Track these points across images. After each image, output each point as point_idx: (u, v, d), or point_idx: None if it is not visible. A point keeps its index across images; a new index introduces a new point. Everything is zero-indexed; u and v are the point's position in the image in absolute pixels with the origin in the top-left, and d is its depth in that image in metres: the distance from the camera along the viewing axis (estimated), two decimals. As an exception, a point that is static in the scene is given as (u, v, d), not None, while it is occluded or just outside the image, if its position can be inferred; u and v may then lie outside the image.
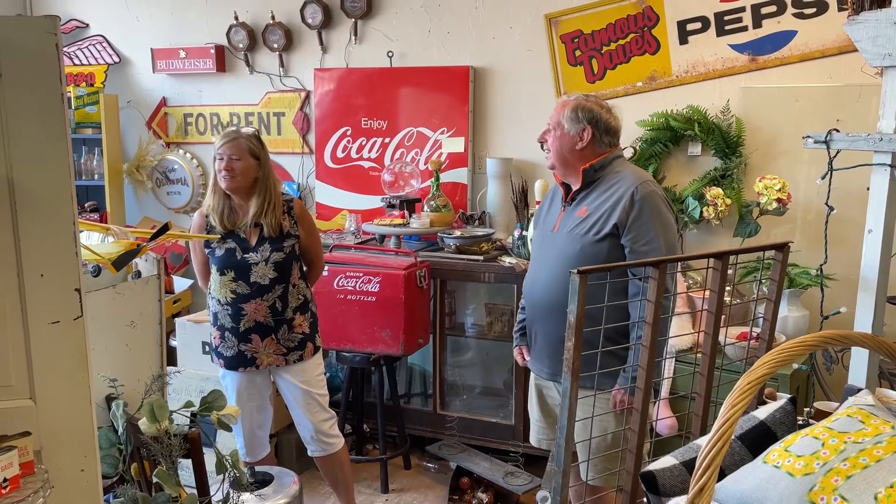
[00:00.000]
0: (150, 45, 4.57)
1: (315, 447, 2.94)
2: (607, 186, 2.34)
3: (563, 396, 1.55)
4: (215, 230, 2.79)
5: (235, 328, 2.80)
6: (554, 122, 2.38)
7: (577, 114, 2.34)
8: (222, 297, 2.81)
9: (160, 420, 1.80)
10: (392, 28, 4.07)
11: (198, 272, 3.00)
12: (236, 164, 2.72)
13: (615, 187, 2.32)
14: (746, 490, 1.25)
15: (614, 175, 2.36)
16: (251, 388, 2.90)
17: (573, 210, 2.38)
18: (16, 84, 1.47)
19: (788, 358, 1.24)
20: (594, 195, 2.35)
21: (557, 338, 2.23)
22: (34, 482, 1.48)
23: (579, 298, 1.50)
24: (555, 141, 2.38)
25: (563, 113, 2.36)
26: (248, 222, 2.78)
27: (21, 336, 1.57)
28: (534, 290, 2.43)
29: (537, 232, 2.57)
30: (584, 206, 2.35)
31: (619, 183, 2.32)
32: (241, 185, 2.75)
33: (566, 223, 2.38)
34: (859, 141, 1.63)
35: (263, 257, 2.77)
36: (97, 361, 1.99)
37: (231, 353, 2.83)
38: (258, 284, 2.77)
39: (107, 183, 4.52)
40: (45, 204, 1.54)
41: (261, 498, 2.16)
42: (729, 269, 2.89)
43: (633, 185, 2.28)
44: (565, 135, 2.36)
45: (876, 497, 1.06)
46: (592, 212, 2.32)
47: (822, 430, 1.24)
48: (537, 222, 2.59)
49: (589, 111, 2.35)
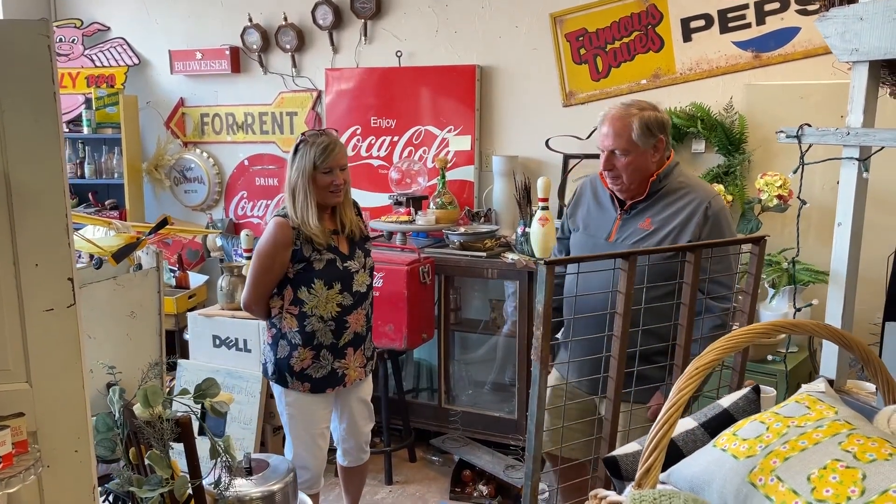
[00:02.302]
0: (168, 47, 4.70)
1: (354, 457, 2.87)
2: (674, 198, 2.21)
3: (532, 384, 1.60)
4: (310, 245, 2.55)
5: (335, 344, 2.62)
6: (624, 145, 2.17)
7: (648, 128, 2.17)
8: (326, 313, 2.58)
9: (153, 405, 1.88)
10: (401, 28, 4.14)
11: (260, 293, 2.61)
12: (344, 175, 2.57)
13: (684, 200, 2.20)
14: (696, 472, 1.29)
15: (679, 185, 2.23)
16: (325, 411, 2.72)
17: (633, 220, 2.24)
18: (10, 84, 1.56)
19: (736, 345, 1.27)
20: (659, 206, 2.22)
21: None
22: (27, 460, 1.56)
23: (546, 288, 1.54)
24: (631, 164, 2.18)
25: (631, 132, 2.16)
26: (346, 230, 2.63)
27: (17, 322, 1.66)
28: (586, 300, 2.14)
29: (582, 236, 2.37)
30: (647, 218, 2.21)
31: (687, 196, 2.20)
32: (343, 196, 2.59)
33: (626, 233, 2.23)
34: (828, 135, 1.65)
35: (361, 264, 2.65)
36: (98, 350, 2.09)
37: (321, 374, 2.62)
38: (359, 293, 2.64)
39: (126, 181, 4.66)
40: (39, 198, 1.63)
41: (254, 483, 2.23)
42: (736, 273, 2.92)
43: (705, 200, 2.18)
44: (642, 154, 2.18)
45: (809, 478, 1.09)
46: (660, 226, 2.19)
47: (770, 416, 1.27)
48: (578, 224, 2.40)
49: (658, 121, 2.20)
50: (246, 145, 4.68)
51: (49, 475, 1.71)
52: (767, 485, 1.13)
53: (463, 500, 3.42)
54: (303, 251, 2.54)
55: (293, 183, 2.54)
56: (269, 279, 2.58)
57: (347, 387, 2.71)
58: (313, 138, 2.55)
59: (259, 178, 4.68)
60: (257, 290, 2.61)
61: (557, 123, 3.81)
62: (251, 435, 3.46)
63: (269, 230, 2.59)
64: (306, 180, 2.51)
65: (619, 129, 2.18)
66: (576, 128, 3.74)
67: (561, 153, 3.79)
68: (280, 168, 4.57)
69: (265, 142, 4.62)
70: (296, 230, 2.54)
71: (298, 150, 2.56)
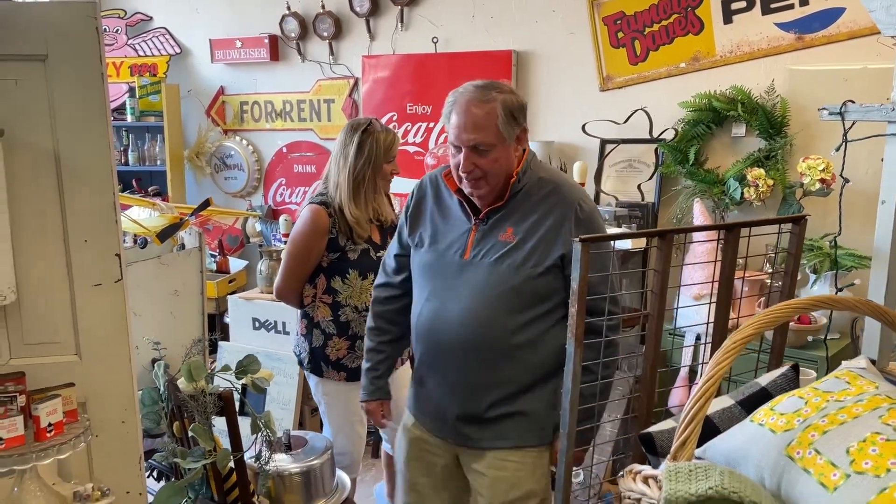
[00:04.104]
0: (209, 36, 4.77)
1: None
2: (536, 201, 1.87)
3: (567, 360, 1.60)
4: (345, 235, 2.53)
5: None
6: (490, 138, 1.79)
7: (513, 114, 1.81)
8: (361, 304, 2.55)
9: (196, 379, 1.93)
10: (437, 14, 4.14)
11: (294, 282, 2.59)
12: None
13: (548, 204, 1.86)
14: (733, 447, 1.29)
15: (539, 183, 1.89)
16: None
17: (492, 231, 1.87)
18: (60, 65, 1.62)
19: (775, 320, 1.27)
20: (520, 213, 1.86)
21: (473, 388, 1.89)
22: (77, 428, 1.63)
23: (582, 265, 1.54)
24: (498, 161, 1.81)
25: (497, 120, 1.78)
26: (385, 220, 2.63)
27: (67, 297, 1.73)
28: (440, 330, 1.89)
29: (430, 254, 1.94)
30: (508, 228, 1.85)
31: (551, 198, 1.86)
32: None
33: (485, 248, 1.86)
34: (872, 111, 1.62)
35: None
36: (144, 327, 2.16)
37: (357, 364, 2.55)
38: None
39: (168, 168, 4.76)
40: (87, 176, 1.69)
41: (293, 459, 2.28)
42: (771, 252, 2.89)
43: (573, 204, 1.85)
44: (507, 147, 1.82)
45: (848, 451, 1.08)
46: (525, 236, 1.84)
47: (809, 391, 1.26)
48: (423, 239, 1.97)
49: (520, 105, 1.84)
50: (284, 132, 4.74)
51: (97, 444, 1.77)
52: (805, 458, 1.12)
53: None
54: (338, 240, 2.53)
55: (358, 172, 2.49)
56: (305, 268, 2.55)
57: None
58: (380, 128, 2.59)
59: (297, 165, 4.74)
60: (292, 278, 2.58)
61: (594, 108, 3.78)
62: (290, 415, 3.52)
63: (304, 217, 2.53)
64: (375, 170, 2.52)
65: (482, 118, 1.77)
66: (613, 112, 3.71)
67: (598, 138, 3.76)
68: (318, 155, 4.62)
69: (303, 129, 4.67)
70: (332, 218, 2.50)
71: (364, 141, 2.52)
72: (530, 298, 1.83)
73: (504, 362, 1.88)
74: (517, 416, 1.90)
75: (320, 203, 2.54)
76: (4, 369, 1.68)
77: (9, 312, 1.70)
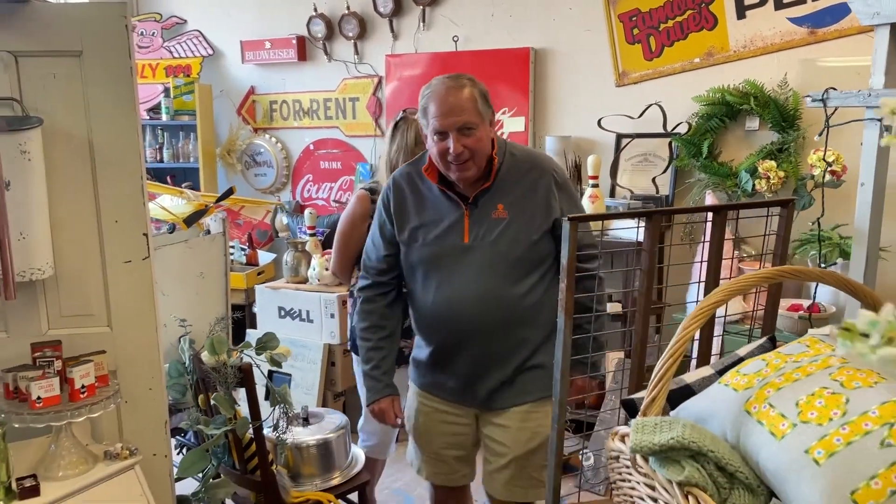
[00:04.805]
0: (240, 38, 4.96)
1: None
2: (518, 176, 2.01)
3: (558, 333, 1.71)
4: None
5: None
6: (474, 118, 1.91)
7: (485, 97, 1.96)
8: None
9: (219, 353, 2.08)
10: (457, 13, 4.27)
11: (343, 261, 2.69)
12: None
13: (529, 176, 2.01)
14: (701, 407, 1.38)
15: (514, 160, 2.02)
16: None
17: (483, 212, 1.98)
18: (93, 60, 1.77)
19: (741, 288, 1.36)
20: (506, 189, 1.99)
21: (494, 358, 2.03)
22: (107, 391, 1.78)
23: (570, 243, 1.65)
24: (482, 140, 1.93)
25: (476, 102, 1.92)
26: None
27: (100, 273, 1.88)
28: (458, 313, 2.00)
29: (429, 250, 2.03)
30: (498, 205, 1.97)
31: (531, 170, 2.01)
32: None
33: (482, 230, 1.98)
34: (851, 97, 1.70)
35: None
36: (171, 306, 2.31)
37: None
38: None
39: (201, 165, 4.95)
40: (118, 160, 1.84)
41: (309, 431, 2.42)
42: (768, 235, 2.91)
43: (548, 170, 2.02)
44: (487, 127, 1.95)
45: (797, 403, 1.17)
46: (517, 210, 1.98)
47: (773, 354, 1.35)
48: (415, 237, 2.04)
49: (487, 92, 1.98)
50: (311, 130, 4.91)
51: (127, 409, 1.93)
52: (760, 411, 1.21)
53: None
54: None
55: (392, 159, 2.55)
56: (350, 249, 2.63)
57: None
58: (413, 115, 2.53)
59: (323, 162, 4.90)
60: (341, 258, 2.69)
61: (610, 103, 3.87)
62: (313, 400, 3.67)
63: (351, 201, 2.65)
64: (406, 157, 2.51)
65: (464, 100, 1.89)
66: (628, 107, 3.79)
67: (613, 132, 3.84)
68: (344, 152, 4.78)
69: (329, 126, 4.83)
70: (375, 204, 2.52)
71: (398, 127, 2.57)
72: (530, 265, 1.99)
73: (520, 327, 2.04)
74: (536, 370, 2.06)
75: (368, 189, 2.64)
76: (43, 338, 1.84)
77: (47, 286, 1.86)
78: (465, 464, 2.20)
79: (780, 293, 1.94)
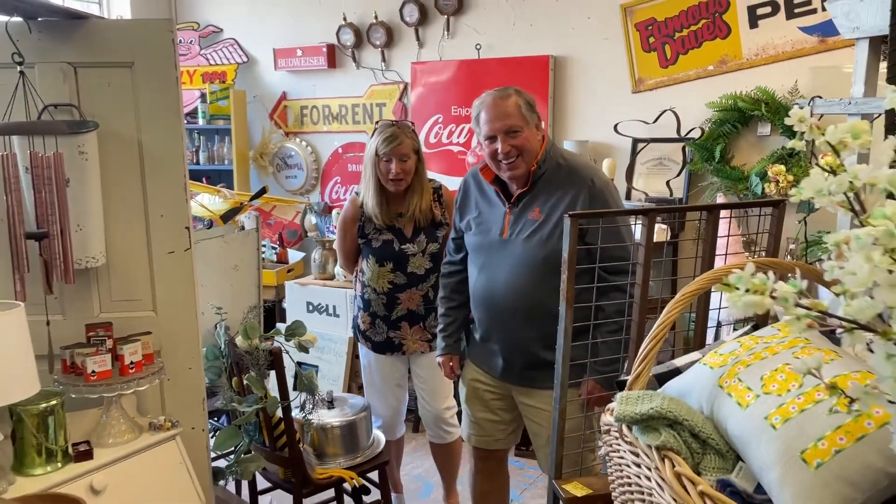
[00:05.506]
0: (273, 46, 5.18)
1: (433, 433, 2.97)
2: (557, 183, 2.20)
3: (560, 320, 1.87)
4: (371, 223, 2.77)
5: (387, 316, 2.81)
6: (518, 121, 2.16)
7: (529, 105, 2.19)
8: (379, 287, 2.79)
9: (251, 337, 2.27)
10: (480, 22, 4.44)
11: (344, 257, 2.93)
12: (404, 166, 2.65)
13: (567, 182, 2.19)
14: (683, 385, 1.53)
15: (558, 167, 2.22)
16: (393, 370, 2.92)
17: (523, 212, 2.22)
18: (143, 70, 1.98)
19: (717, 277, 1.51)
20: (545, 194, 2.20)
21: (526, 342, 2.25)
22: (153, 368, 1.98)
23: (571, 238, 1.81)
24: (527, 140, 2.17)
25: (520, 108, 2.17)
26: (408, 215, 2.74)
27: (146, 262, 2.09)
28: (493, 297, 2.27)
29: (477, 238, 2.32)
30: (535, 208, 2.19)
31: (570, 178, 2.19)
32: (406, 184, 2.71)
33: (518, 227, 2.22)
34: (833, 105, 1.84)
35: (420, 248, 2.76)
36: (209, 295, 2.51)
37: (380, 339, 2.85)
38: (415, 275, 2.77)
39: (235, 168, 5.18)
40: (164, 161, 2.04)
41: (333, 414, 2.60)
42: (793, 245, 3.06)
43: (587, 179, 2.18)
44: (532, 130, 2.18)
45: (761, 378, 1.32)
46: (549, 213, 2.18)
47: (748, 337, 1.50)
48: (470, 225, 2.35)
49: (532, 100, 2.20)
50: (340, 134, 5.11)
51: (169, 386, 2.12)
52: (730, 385, 1.36)
53: (528, 456, 3.70)
54: (364, 228, 2.80)
55: (364, 165, 2.78)
56: (345, 246, 2.89)
57: (408, 355, 2.89)
58: (382, 127, 2.72)
59: (351, 165, 5.10)
60: (340, 253, 2.98)
61: (626, 109, 4.01)
62: (338, 390, 3.85)
63: (346, 205, 2.92)
64: (372, 165, 2.69)
65: (509, 107, 2.16)
66: (643, 113, 3.93)
67: (629, 137, 3.98)
68: (370, 155, 4.98)
69: (357, 131, 5.03)
70: (361, 207, 2.78)
71: (372, 136, 2.76)
72: (557, 265, 2.09)
73: (549, 320, 2.12)
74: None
75: (357, 193, 2.88)
76: (96, 320, 2.04)
77: (100, 274, 2.06)
78: (500, 431, 2.45)
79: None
